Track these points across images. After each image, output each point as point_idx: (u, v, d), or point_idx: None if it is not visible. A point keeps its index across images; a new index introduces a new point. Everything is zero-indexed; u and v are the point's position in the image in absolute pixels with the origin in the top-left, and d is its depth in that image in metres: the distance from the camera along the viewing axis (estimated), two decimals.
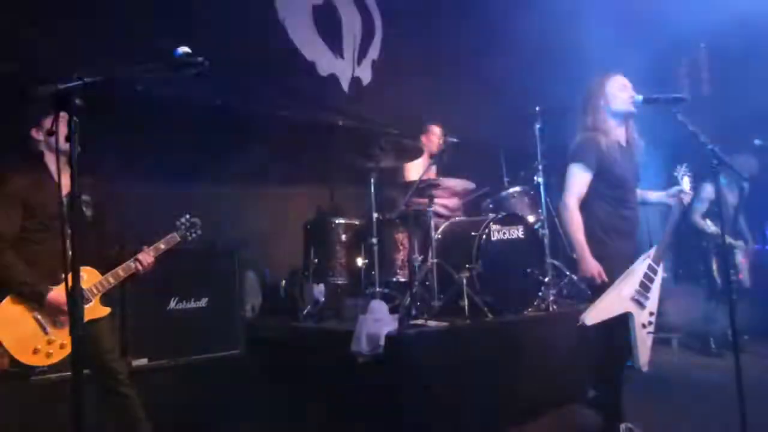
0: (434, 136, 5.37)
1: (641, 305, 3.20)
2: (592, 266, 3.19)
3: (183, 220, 3.32)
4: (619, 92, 3.32)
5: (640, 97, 3.30)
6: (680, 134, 3.13)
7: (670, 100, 3.19)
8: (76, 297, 1.81)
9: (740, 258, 5.94)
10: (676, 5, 6.24)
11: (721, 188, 3.31)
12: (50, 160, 2.95)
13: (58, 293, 2.81)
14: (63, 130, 1.93)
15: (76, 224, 1.88)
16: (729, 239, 5.77)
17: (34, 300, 2.79)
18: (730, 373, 2.92)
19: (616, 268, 3.21)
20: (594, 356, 3.39)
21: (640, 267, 3.22)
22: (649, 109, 3.33)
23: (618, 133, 3.37)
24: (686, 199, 3.40)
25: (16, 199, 2.85)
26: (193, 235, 3.35)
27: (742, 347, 3.19)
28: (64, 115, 1.88)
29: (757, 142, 5.87)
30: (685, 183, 3.41)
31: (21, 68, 3.79)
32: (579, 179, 3.28)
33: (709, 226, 5.86)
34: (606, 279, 3.18)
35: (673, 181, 3.46)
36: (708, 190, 5.81)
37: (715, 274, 5.91)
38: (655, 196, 3.57)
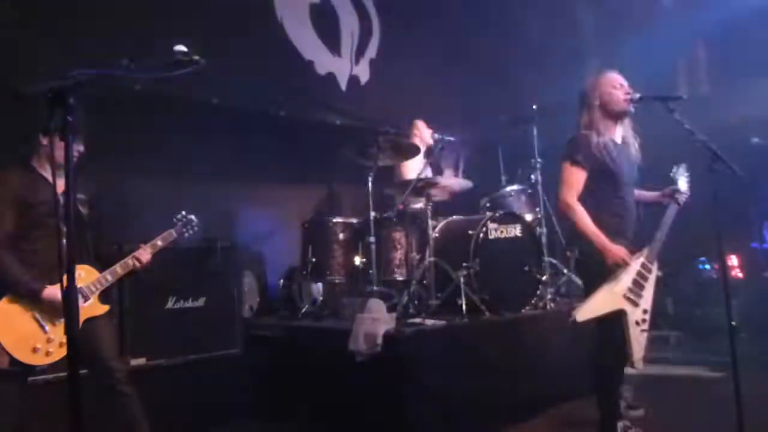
0: (419, 132, 5.35)
1: (634, 303, 3.19)
2: (617, 251, 3.15)
3: (179, 216, 3.32)
4: (614, 91, 3.32)
5: (637, 95, 3.30)
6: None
7: (667, 98, 3.19)
8: (72, 295, 1.81)
9: None
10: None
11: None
12: (46, 160, 2.94)
13: (54, 291, 2.81)
14: (59, 155, 1.95)
15: (71, 222, 1.88)
16: None
17: (31, 298, 2.79)
18: (727, 369, 2.93)
19: (608, 266, 3.20)
20: (592, 355, 3.39)
21: (633, 265, 3.21)
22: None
23: (613, 131, 3.37)
24: (682, 199, 3.38)
25: (10, 197, 2.85)
26: (190, 231, 3.35)
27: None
28: (61, 145, 1.88)
29: (755, 140, 5.89)
30: (681, 183, 3.39)
31: (19, 67, 3.79)
32: (573, 176, 3.28)
33: None
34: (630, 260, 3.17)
35: (669, 181, 3.44)
36: None
37: None
38: (650, 196, 3.56)
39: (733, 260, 6.41)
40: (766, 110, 6.09)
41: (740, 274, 6.44)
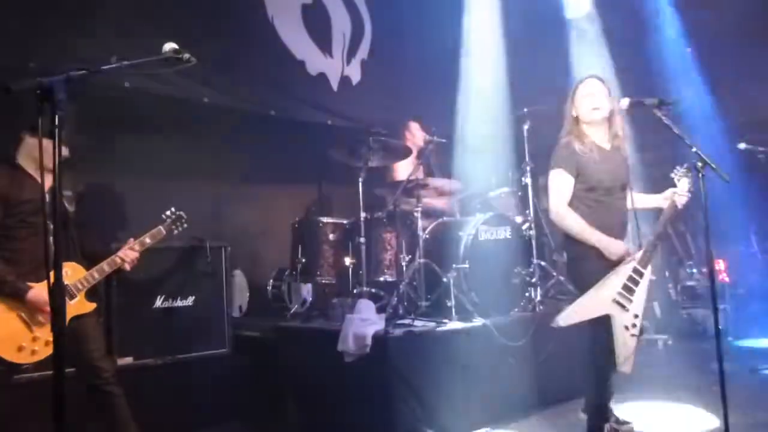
0: (413, 133, 5.35)
1: (624, 308, 3.15)
2: (617, 247, 3.14)
3: (168, 213, 3.31)
4: (583, 99, 3.33)
5: (626, 101, 3.30)
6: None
7: (656, 102, 3.20)
8: (58, 293, 1.79)
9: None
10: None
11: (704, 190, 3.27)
12: (32, 158, 2.91)
13: (39, 290, 2.78)
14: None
15: (58, 220, 1.86)
16: None
17: (15, 298, 2.77)
18: (713, 374, 2.95)
19: (598, 270, 3.21)
20: (581, 357, 3.39)
21: (624, 269, 3.19)
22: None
23: (596, 136, 3.37)
24: (681, 201, 3.31)
25: None
26: (180, 228, 3.33)
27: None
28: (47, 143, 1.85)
29: (741, 145, 5.93)
30: (683, 184, 3.32)
31: (13, 65, 3.77)
32: (561, 183, 3.29)
33: None
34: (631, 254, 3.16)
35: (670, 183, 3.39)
36: None
37: None
38: (649, 199, 3.54)
39: (720, 264, 6.45)
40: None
41: (727, 279, 6.48)
